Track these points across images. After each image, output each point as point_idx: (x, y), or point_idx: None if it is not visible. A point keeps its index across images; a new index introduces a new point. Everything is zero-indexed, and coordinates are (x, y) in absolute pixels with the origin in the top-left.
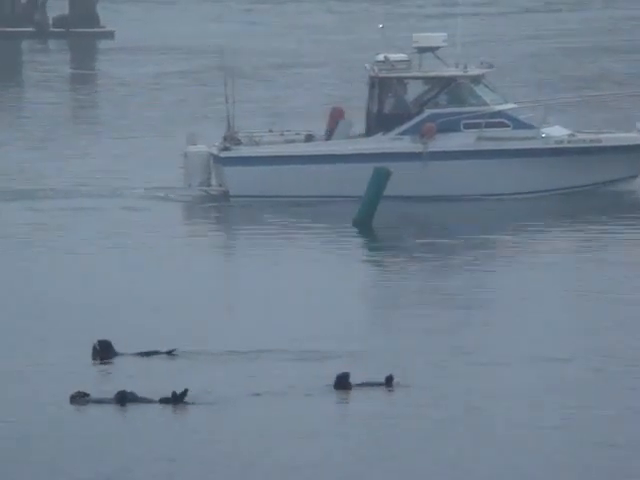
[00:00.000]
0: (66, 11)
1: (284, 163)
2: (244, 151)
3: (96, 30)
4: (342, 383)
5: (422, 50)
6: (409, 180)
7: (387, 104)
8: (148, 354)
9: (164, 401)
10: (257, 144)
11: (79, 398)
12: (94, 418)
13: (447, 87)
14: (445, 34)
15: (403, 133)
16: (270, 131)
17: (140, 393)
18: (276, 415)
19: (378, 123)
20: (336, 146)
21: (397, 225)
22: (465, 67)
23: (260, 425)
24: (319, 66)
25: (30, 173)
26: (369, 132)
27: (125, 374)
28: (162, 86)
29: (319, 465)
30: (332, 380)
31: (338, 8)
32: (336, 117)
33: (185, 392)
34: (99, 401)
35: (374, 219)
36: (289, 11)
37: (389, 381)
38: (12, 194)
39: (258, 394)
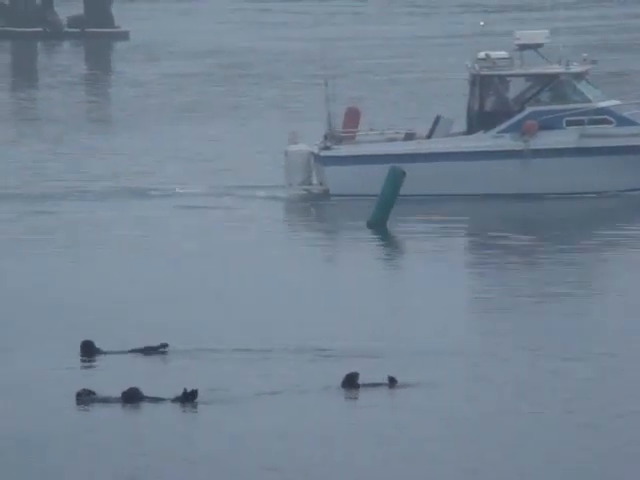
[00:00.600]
0: (81, 11)
1: (384, 162)
2: (345, 150)
3: (110, 30)
4: (350, 382)
5: (524, 47)
6: (510, 178)
7: (488, 102)
8: (134, 351)
9: (174, 400)
10: (358, 143)
11: (85, 396)
12: (101, 417)
13: (549, 84)
14: (547, 31)
15: (504, 131)
16: (371, 130)
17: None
18: (288, 415)
19: (479, 121)
20: (436, 144)
21: (497, 224)
22: (568, 64)
23: (271, 425)
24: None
25: (127, 173)
26: (470, 130)
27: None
28: (200, 85)
29: (332, 465)
30: (341, 379)
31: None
32: (351, 117)
33: (196, 392)
34: (105, 400)
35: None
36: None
37: (392, 382)
38: (119, 193)
39: (271, 393)
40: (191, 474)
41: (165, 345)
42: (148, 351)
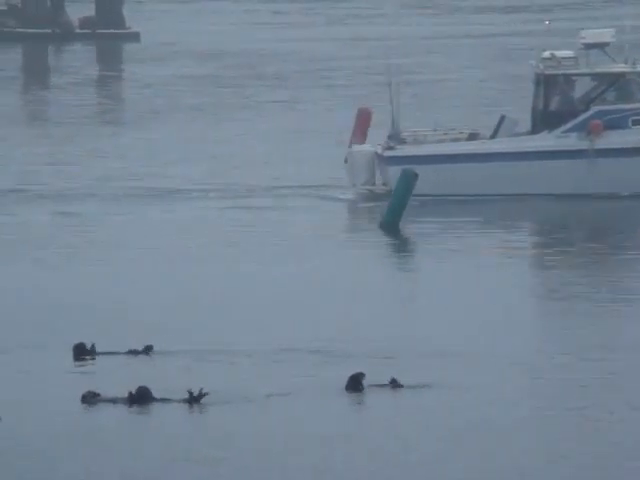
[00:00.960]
0: (92, 12)
1: (448, 162)
2: (408, 150)
3: (121, 31)
4: (354, 384)
5: (590, 46)
6: (574, 178)
7: (553, 101)
8: (114, 354)
9: (181, 401)
10: (421, 143)
11: (90, 398)
12: (108, 418)
13: (615, 83)
14: (613, 30)
15: (569, 130)
16: (434, 130)
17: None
18: (293, 415)
19: (544, 120)
20: (500, 144)
21: (562, 223)
22: (634, 63)
23: (278, 426)
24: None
25: (149, 174)
26: (534, 130)
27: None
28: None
29: (337, 468)
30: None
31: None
32: (363, 118)
33: (202, 392)
34: (112, 400)
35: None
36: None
37: (394, 383)
38: (152, 194)
39: (280, 394)
40: (198, 476)
41: (150, 347)
42: (134, 353)
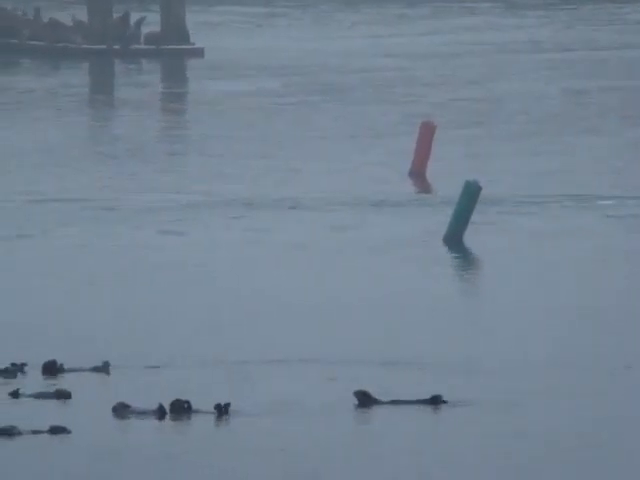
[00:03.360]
0: (155, 28)
1: None
2: None
3: (186, 47)
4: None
5: None
6: None
7: None
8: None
9: (210, 412)
10: None
11: (121, 409)
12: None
13: None
14: None
15: None
16: None
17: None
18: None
19: None
20: None
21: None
22: None
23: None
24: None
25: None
26: None
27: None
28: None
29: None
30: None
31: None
32: (426, 132)
33: (228, 405)
34: (142, 412)
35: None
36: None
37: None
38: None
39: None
40: None
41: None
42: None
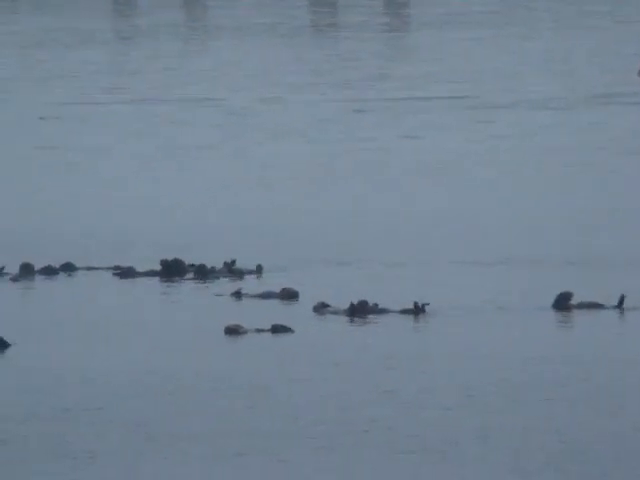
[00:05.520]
0: None
1: None
2: None
3: None
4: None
5: None
6: None
7: None
8: None
9: (405, 312)
10: None
11: (320, 308)
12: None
13: None
14: None
15: None
16: None
17: None
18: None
19: None
20: None
21: None
22: None
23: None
24: None
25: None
26: None
27: None
28: None
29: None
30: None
31: None
32: None
33: (425, 305)
34: (334, 312)
35: None
36: None
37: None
38: None
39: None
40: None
41: None
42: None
